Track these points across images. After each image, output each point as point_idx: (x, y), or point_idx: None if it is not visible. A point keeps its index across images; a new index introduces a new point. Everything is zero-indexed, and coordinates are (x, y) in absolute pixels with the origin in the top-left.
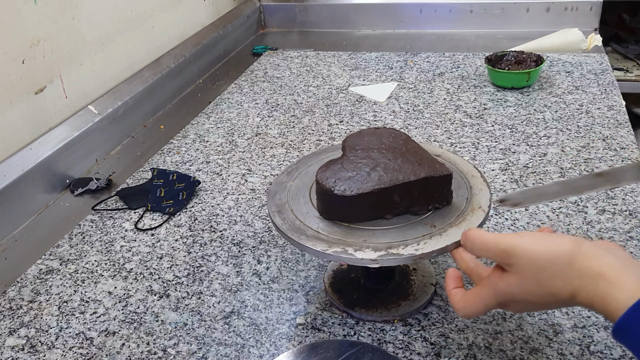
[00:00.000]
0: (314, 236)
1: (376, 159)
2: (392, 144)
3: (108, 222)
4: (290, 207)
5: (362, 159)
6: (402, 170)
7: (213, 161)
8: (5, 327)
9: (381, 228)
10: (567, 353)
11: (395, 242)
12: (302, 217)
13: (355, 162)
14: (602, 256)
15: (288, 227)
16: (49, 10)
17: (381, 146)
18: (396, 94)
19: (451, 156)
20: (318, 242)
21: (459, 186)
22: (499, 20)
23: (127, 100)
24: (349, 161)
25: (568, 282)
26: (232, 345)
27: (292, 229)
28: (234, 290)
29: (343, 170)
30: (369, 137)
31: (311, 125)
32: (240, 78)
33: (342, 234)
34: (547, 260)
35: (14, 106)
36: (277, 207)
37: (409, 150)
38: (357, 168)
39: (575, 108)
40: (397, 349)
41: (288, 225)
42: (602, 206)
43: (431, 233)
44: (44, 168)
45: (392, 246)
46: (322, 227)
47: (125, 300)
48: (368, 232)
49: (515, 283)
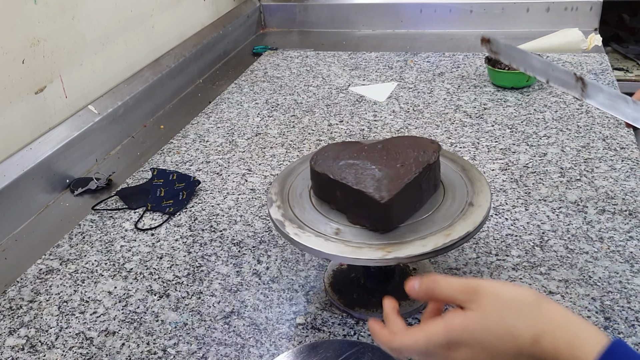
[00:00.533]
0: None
1: (375, 159)
2: (410, 155)
3: (108, 222)
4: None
5: (367, 153)
6: (362, 174)
7: (213, 161)
8: (5, 327)
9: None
10: None
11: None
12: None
13: (357, 154)
14: (566, 309)
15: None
16: (49, 10)
17: (396, 154)
18: (396, 94)
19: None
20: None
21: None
22: (499, 20)
23: (127, 100)
24: (353, 151)
25: (532, 324)
26: (232, 345)
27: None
28: (234, 290)
29: (340, 153)
30: (407, 141)
31: (311, 125)
32: (240, 78)
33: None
34: (513, 299)
35: (14, 106)
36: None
37: (408, 164)
38: (350, 157)
39: (575, 108)
40: None
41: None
42: (602, 206)
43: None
44: (44, 168)
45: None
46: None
47: (125, 300)
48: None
49: (474, 318)
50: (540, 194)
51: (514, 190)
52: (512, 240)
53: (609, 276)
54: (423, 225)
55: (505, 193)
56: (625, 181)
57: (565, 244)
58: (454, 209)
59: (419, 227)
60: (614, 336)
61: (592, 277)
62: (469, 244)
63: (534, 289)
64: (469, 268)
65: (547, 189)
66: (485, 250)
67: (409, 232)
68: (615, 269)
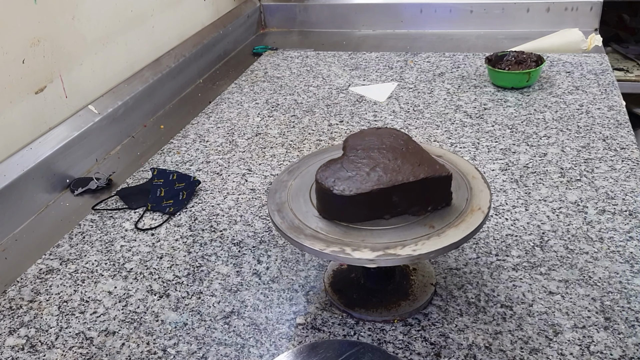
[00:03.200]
0: (313, 235)
1: (376, 159)
2: (393, 144)
3: (108, 222)
4: (290, 207)
5: (362, 159)
6: (401, 170)
7: (213, 161)
8: (5, 326)
9: (380, 228)
10: (567, 353)
11: (393, 242)
12: (301, 217)
13: (355, 162)
14: None
15: (287, 226)
16: (49, 10)
17: (382, 146)
18: (396, 94)
19: (452, 157)
20: (316, 242)
21: (459, 187)
22: (499, 21)
23: (127, 100)
24: (349, 161)
25: None
26: (232, 345)
27: (291, 227)
28: (234, 290)
29: (343, 169)
30: (370, 137)
31: (311, 125)
32: (240, 78)
33: (340, 233)
34: None
35: (14, 106)
36: (277, 206)
37: (409, 151)
38: (357, 168)
39: (576, 108)
40: (397, 349)
41: (287, 224)
42: (602, 206)
43: (430, 234)
44: (44, 168)
45: (390, 246)
46: (321, 226)
47: (125, 300)
48: (366, 232)
49: None
50: (541, 194)
51: (514, 191)
52: (512, 240)
53: (609, 276)
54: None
55: (505, 193)
56: (625, 181)
57: (566, 244)
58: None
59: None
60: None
61: (592, 277)
62: (469, 244)
63: (534, 289)
64: (469, 268)
65: (547, 189)
66: (486, 250)
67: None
68: (615, 269)
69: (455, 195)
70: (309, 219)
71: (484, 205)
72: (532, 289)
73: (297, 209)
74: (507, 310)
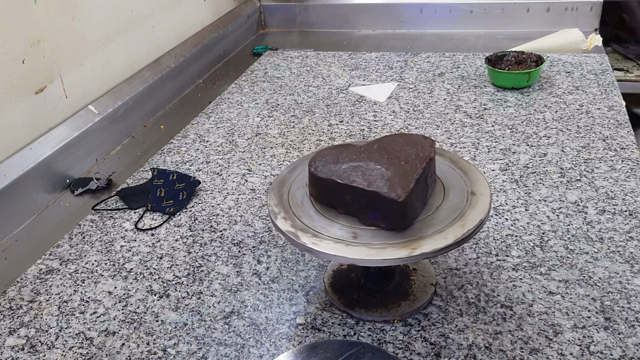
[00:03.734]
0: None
1: (377, 159)
2: (410, 152)
3: (108, 222)
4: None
5: (367, 154)
6: (370, 175)
7: (213, 161)
8: (5, 327)
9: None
10: (567, 353)
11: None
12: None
13: (356, 155)
14: None
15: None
16: (49, 10)
17: (395, 152)
18: (396, 94)
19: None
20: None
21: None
22: (499, 21)
23: (127, 100)
24: (351, 153)
25: None
26: (232, 345)
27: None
28: (234, 290)
29: (338, 157)
30: (401, 139)
31: (311, 125)
32: (240, 78)
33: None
34: None
35: (14, 106)
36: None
37: (408, 164)
38: (350, 160)
39: (576, 108)
40: (397, 349)
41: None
42: (602, 206)
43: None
44: (44, 168)
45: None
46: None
47: (125, 300)
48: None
49: None
50: (541, 194)
51: (514, 191)
52: (512, 240)
53: (609, 276)
54: (435, 219)
55: (505, 193)
56: (625, 181)
57: (566, 244)
58: (459, 200)
59: (431, 222)
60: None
61: (592, 277)
62: (469, 244)
63: (534, 289)
64: (469, 268)
65: (547, 189)
66: (486, 250)
67: (425, 227)
68: (615, 269)
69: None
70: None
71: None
72: (532, 289)
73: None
74: (507, 310)
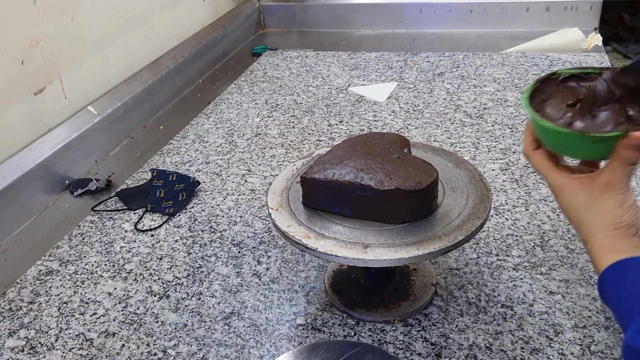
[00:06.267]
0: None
1: (371, 158)
2: (395, 148)
3: (108, 223)
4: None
5: (358, 154)
6: (378, 173)
7: (213, 162)
8: (5, 328)
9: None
10: (567, 353)
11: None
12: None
13: (346, 159)
14: None
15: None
16: (48, 11)
17: (381, 150)
18: (396, 94)
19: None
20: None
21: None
22: (499, 20)
23: (126, 100)
24: (341, 158)
25: None
26: (232, 346)
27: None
28: (234, 291)
29: (332, 163)
30: (377, 136)
31: (311, 125)
32: (239, 78)
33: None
34: None
35: (14, 107)
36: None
37: (402, 159)
38: (346, 164)
39: None
40: (398, 349)
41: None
42: None
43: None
44: (44, 169)
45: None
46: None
47: (125, 301)
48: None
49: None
50: (541, 193)
51: (514, 190)
52: (512, 240)
53: None
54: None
55: (505, 193)
56: None
57: (566, 243)
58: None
59: (436, 218)
60: None
61: (593, 277)
62: (469, 244)
63: (535, 289)
64: (469, 268)
65: (547, 188)
66: (486, 250)
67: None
68: None
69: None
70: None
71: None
72: (533, 288)
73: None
74: (507, 310)
